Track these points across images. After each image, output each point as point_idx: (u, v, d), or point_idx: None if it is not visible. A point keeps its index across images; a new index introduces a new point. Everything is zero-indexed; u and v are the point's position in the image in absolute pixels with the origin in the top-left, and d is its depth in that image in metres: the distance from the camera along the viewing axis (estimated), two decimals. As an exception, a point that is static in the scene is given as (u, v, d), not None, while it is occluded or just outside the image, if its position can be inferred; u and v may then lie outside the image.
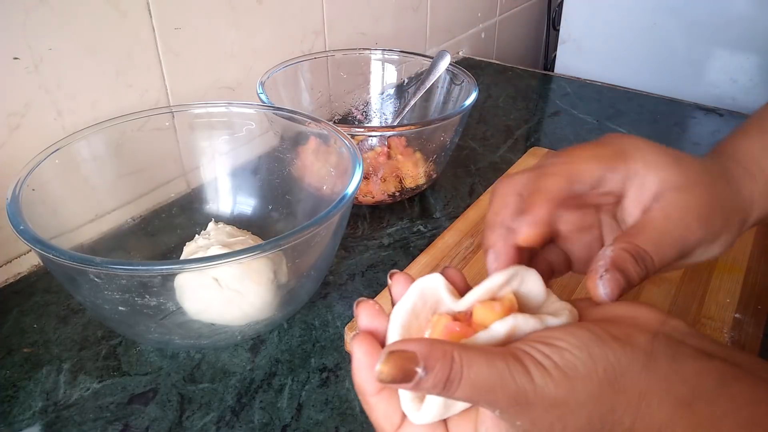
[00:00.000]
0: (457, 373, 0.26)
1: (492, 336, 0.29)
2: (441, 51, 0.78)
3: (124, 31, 0.61)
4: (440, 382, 0.26)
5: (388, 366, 0.25)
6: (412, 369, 0.25)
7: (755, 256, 0.58)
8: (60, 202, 0.52)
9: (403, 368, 0.25)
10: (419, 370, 0.25)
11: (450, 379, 0.26)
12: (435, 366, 0.25)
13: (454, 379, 0.26)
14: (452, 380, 0.26)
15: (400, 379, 0.26)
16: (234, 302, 0.47)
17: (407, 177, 0.69)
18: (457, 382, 0.26)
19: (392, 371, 0.25)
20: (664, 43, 1.18)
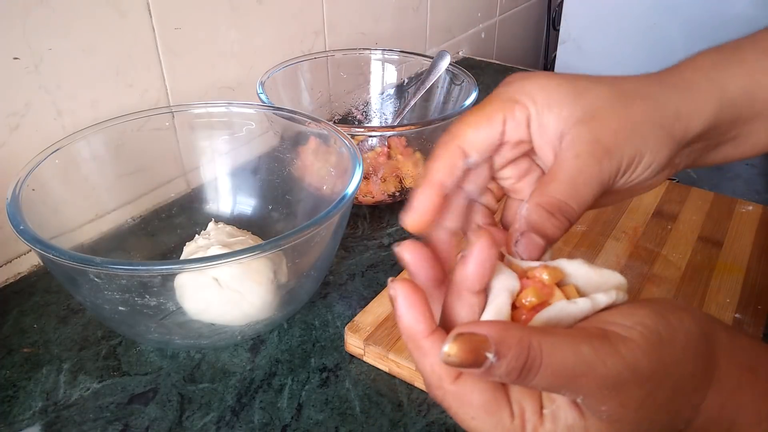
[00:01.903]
0: (535, 361, 0.24)
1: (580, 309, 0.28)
2: (441, 51, 0.78)
3: (124, 31, 0.61)
4: (514, 370, 0.24)
5: (456, 348, 0.24)
6: (482, 355, 0.23)
7: (755, 256, 0.58)
8: (60, 202, 0.52)
9: (473, 352, 0.23)
10: (490, 356, 0.23)
11: (527, 367, 0.24)
12: (508, 353, 0.23)
13: (531, 366, 0.24)
14: (529, 368, 0.24)
15: (468, 363, 0.24)
16: (234, 302, 0.47)
17: (407, 177, 0.69)
18: (535, 370, 0.24)
19: (460, 354, 0.23)
20: (664, 43, 1.18)
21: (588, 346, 0.25)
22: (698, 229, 0.62)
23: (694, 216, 0.64)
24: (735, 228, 0.62)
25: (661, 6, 1.16)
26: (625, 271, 0.57)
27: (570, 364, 0.24)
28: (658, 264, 0.58)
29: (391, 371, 0.48)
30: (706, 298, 0.53)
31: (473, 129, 0.33)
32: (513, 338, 0.24)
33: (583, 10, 1.28)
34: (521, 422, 0.26)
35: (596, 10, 1.26)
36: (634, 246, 0.60)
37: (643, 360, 0.25)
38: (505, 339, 0.24)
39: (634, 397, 0.25)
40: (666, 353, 0.26)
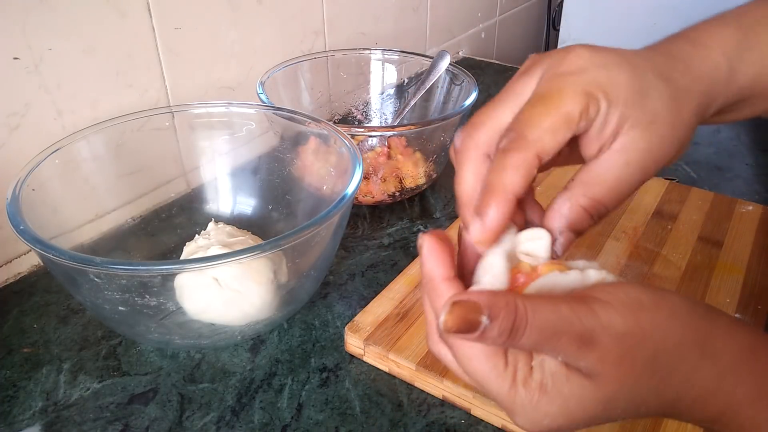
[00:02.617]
0: (522, 320, 0.26)
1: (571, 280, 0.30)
2: (441, 51, 0.78)
3: (124, 31, 0.61)
4: (505, 330, 0.26)
5: (452, 315, 0.26)
6: (477, 318, 0.26)
7: (755, 256, 0.58)
8: (60, 202, 0.52)
9: (468, 318, 0.26)
10: (483, 319, 0.26)
11: (515, 327, 0.26)
12: (499, 314, 0.26)
13: (519, 326, 0.26)
14: (517, 327, 0.26)
15: (465, 329, 0.26)
16: (234, 302, 0.47)
17: (407, 177, 0.69)
18: (522, 328, 0.26)
19: (457, 320, 0.26)
20: (664, 43, 1.18)
21: (566, 306, 0.27)
22: (698, 229, 0.62)
23: (694, 216, 0.64)
24: (735, 228, 0.62)
25: (661, 6, 1.17)
26: (625, 271, 0.57)
27: (551, 321, 0.26)
28: (658, 264, 0.58)
29: (391, 371, 0.48)
30: (706, 298, 0.53)
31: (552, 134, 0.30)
32: (501, 302, 0.26)
33: (583, 10, 1.28)
34: (513, 371, 0.28)
35: (596, 10, 1.26)
36: (634, 246, 0.60)
37: (618, 319, 0.27)
38: (495, 303, 0.26)
39: (612, 352, 0.27)
40: (645, 317, 0.27)
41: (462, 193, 0.33)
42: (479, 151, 0.33)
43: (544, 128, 0.30)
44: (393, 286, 0.54)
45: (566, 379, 0.28)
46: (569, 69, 0.31)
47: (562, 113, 0.30)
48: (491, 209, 0.30)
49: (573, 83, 0.30)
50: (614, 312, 0.27)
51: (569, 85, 0.30)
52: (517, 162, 0.30)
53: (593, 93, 0.30)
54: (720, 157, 0.80)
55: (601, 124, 0.31)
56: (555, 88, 0.31)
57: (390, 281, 0.55)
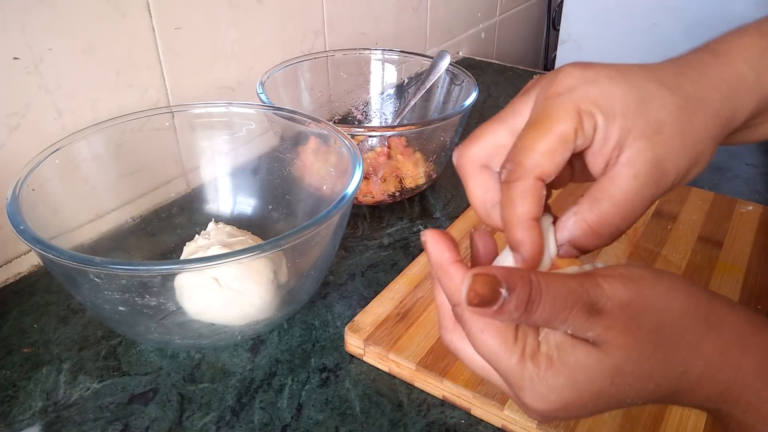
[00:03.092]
0: (537, 293, 0.27)
1: None
2: (441, 51, 0.78)
3: (124, 31, 0.61)
4: (522, 302, 0.27)
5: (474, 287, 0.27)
6: (497, 290, 0.27)
7: (755, 256, 0.58)
8: (60, 202, 0.52)
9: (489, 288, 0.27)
10: (503, 291, 0.27)
11: (531, 299, 0.27)
12: (516, 286, 0.27)
13: (535, 298, 0.27)
14: (533, 299, 0.27)
15: (487, 300, 0.27)
16: (234, 302, 0.47)
17: (407, 177, 0.69)
18: (537, 301, 0.27)
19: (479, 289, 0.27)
20: (664, 44, 1.18)
21: (574, 281, 0.28)
22: (698, 229, 0.62)
23: (694, 216, 0.64)
24: (735, 228, 0.62)
25: (661, 6, 1.16)
26: (625, 271, 0.57)
27: (563, 294, 0.27)
28: (658, 264, 0.58)
29: (391, 371, 0.48)
30: (706, 298, 0.53)
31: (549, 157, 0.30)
32: (517, 275, 0.27)
33: (583, 10, 1.28)
34: (522, 345, 0.29)
35: (596, 10, 1.26)
36: (634, 246, 0.60)
37: (621, 290, 0.28)
38: (512, 276, 0.27)
39: (617, 319, 0.28)
40: (646, 288, 0.28)
41: (478, 207, 0.35)
42: (476, 165, 0.34)
43: (540, 152, 0.30)
44: (393, 286, 0.54)
45: (571, 348, 0.28)
46: (559, 89, 0.31)
47: (555, 135, 0.30)
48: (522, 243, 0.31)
49: (563, 103, 0.30)
50: (617, 283, 0.28)
51: (559, 105, 0.31)
52: (520, 191, 0.31)
53: (586, 109, 0.30)
54: (720, 157, 0.80)
55: (602, 139, 0.31)
56: (546, 111, 0.31)
57: (390, 281, 0.55)
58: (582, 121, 0.30)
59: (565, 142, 0.30)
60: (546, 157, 0.30)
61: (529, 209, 0.31)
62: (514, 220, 0.31)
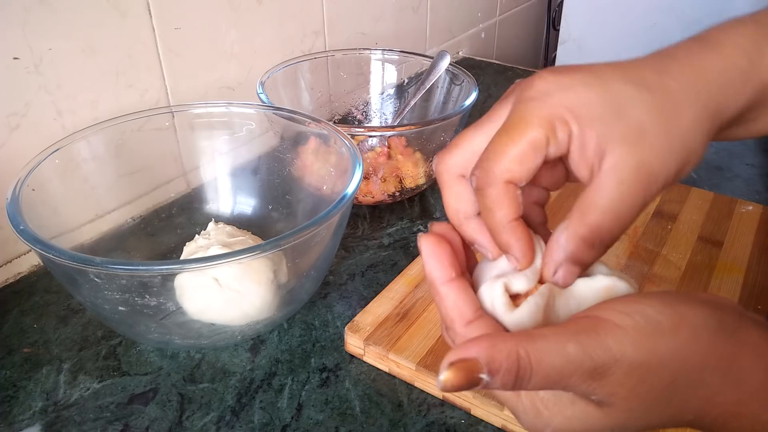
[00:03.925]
0: (526, 371, 0.25)
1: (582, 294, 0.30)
2: (441, 51, 0.78)
3: (124, 31, 0.61)
4: (508, 383, 0.25)
5: (451, 376, 0.25)
6: (477, 377, 0.25)
7: (755, 256, 0.58)
8: (60, 202, 0.52)
9: (467, 377, 0.25)
10: (484, 376, 0.25)
11: (519, 378, 0.25)
12: (500, 370, 0.25)
13: (523, 377, 0.25)
14: (521, 378, 0.25)
15: (465, 387, 0.25)
16: (234, 302, 0.47)
17: (407, 177, 0.69)
18: (527, 378, 0.25)
19: (456, 381, 0.25)
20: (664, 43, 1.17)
21: (574, 344, 0.25)
22: (698, 229, 0.62)
23: (694, 216, 0.64)
24: (735, 228, 0.62)
25: (662, 6, 1.16)
26: (625, 271, 0.57)
27: (558, 366, 0.25)
28: (658, 264, 0.58)
29: (391, 371, 0.48)
30: (706, 298, 0.53)
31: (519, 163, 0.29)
32: (502, 354, 0.25)
33: (583, 10, 1.28)
34: None
35: (596, 10, 1.26)
36: (634, 246, 0.60)
37: (630, 349, 0.26)
38: (494, 357, 0.25)
39: (623, 386, 0.26)
40: (662, 343, 0.26)
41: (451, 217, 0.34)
42: (452, 174, 0.33)
43: (510, 158, 0.29)
44: (393, 286, 0.54)
45: (570, 403, 0.27)
46: (532, 95, 0.30)
47: (526, 141, 0.29)
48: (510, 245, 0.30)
49: (535, 109, 0.30)
50: (628, 341, 0.26)
51: (531, 111, 0.30)
52: (493, 198, 0.30)
53: (559, 115, 0.29)
54: (720, 157, 0.80)
55: (579, 146, 0.29)
56: (518, 117, 0.30)
57: (390, 281, 0.55)
58: (554, 128, 0.29)
59: (536, 148, 0.29)
60: (515, 162, 0.29)
61: (506, 212, 0.30)
62: (496, 226, 0.30)
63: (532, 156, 0.29)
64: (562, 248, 0.30)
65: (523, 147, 0.29)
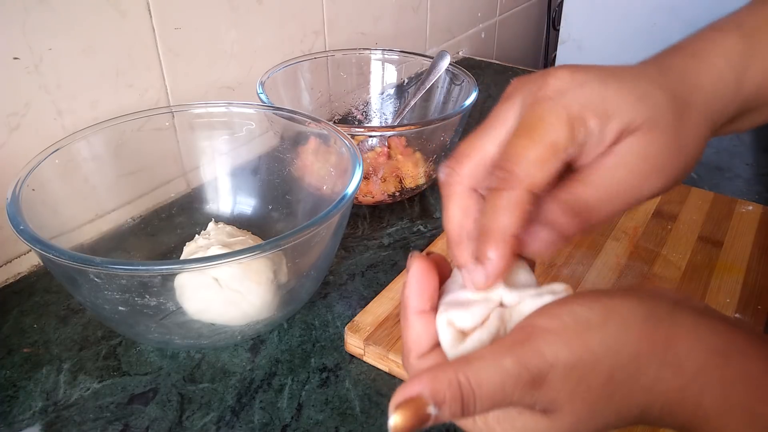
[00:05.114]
0: (469, 396, 0.25)
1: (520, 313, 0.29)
2: (441, 51, 0.78)
3: (124, 31, 0.61)
4: (457, 411, 0.25)
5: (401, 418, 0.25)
6: (425, 412, 0.25)
7: (755, 256, 0.58)
8: (60, 202, 0.52)
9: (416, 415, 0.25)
10: (431, 410, 0.25)
11: (465, 404, 0.25)
12: (445, 400, 0.25)
13: (468, 402, 0.25)
14: (467, 404, 0.25)
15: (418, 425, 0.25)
16: (234, 302, 0.47)
17: (407, 177, 0.69)
18: (472, 404, 0.25)
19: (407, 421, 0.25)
20: (664, 44, 1.17)
21: (510, 357, 0.25)
22: (698, 229, 0.62)
23: (694, 216, 0.64)
24: (735, 228, 0.62)
25: (661, 6, 1.16)
26: (625, 271, 0.57)
27: (499, 383, 0.25)
28: (658, 264, 0.58)
29: (391, 371, 0.48)
30: (706, 298, 0.53)
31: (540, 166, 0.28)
32: (443, 384, 0.25)
33: (583, 10, 1.28)
34: None
35: (596, 10, 1.26)
36: (634, 246, 0.60)
37: (564, 350, 0.25)
38: (437, 389, 0.25)
39: (562, 389, 0.26)
40: (593, 338, 0.26)
41: (451, 231, 0.32)
42: (464, 186, 0.32)
43: (532, 161, 0.28)
44: (393, 286, 0.54)
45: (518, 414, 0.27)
46: (549, 93, 0.29)
47: (547, 143, 0.28)
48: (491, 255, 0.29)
49: (554, 108, 0.29)
50: (560, 343, 0.26)
51: (550, 111, 0.29)
52: (509, 202, 0.28)
53: (578, 115, 0.29)
54: (720, 157, 0.80)
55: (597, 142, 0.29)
56: (537, 117, 0.29)
57: (390, 281, 0.55)
58: (574, 128, 0.29)
59: (557, 151, 0.28)
60: (537, 166, 0.28)
61: (512, 222, 0.28)
62: (494, 231, 0.29)
63: (552, 159, 0.28)
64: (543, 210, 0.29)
65: (544, 149, 0.28)
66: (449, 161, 0.33)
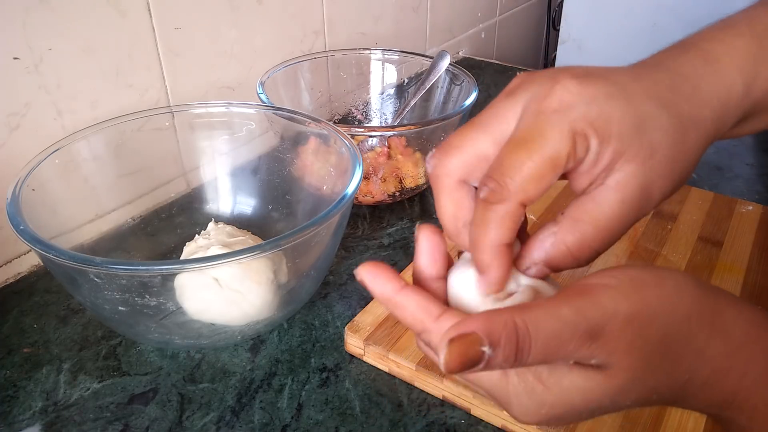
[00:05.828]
0: (525, 340, 0.24)
1: None
2: (441, 51, 0.78)
3: (124, 31, 0.61)
4: (511, 355, 0.24)
5: (452, 355, 0.24)
6: (479, 351, 0.24)
7: (755, 256, 0.58)
8: (60, 202, 0.52)
9: (470, 352, 0.24)
10: (486, 350, 0.24)
11: (520, 348, 0.24)
12: (500, 340, 0.24)
13: (523, 346, 0.24)
14: (522, 348, 0.24)
15: (469, 365, 0.24)
16: (234, 302, 0.47)
17: (407, 177, 0.69)
18: (527, 348, 0.24)
19: (459, 357, 0.24)
20: (664, 44, 1.17)
21: (567, 307, 0.25)
22: (698, 229, 0.62)
23: (694, 216, 0.64)
24: (735, 228, 0.62)
25: (662, 6, 1.16)
26: (625, 271, 0.57)
27: (556, 331, 0.25)
28: (658, 264, 0.58)
29: (391, 371, 0.48)
30: (706, 298, 0.53)
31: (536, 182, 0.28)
32: (499, 325, 0.24)
33: (583, 10, 1.28)
34: None
35: (596, 10, 1.26)
36: (634, 246, 0.60)
37: (624, 303, 0.26)
38: (492, 329, 0.24)
39: (621, 340, 0.25)
40: (650, 294, 0.26)
41: (447, 224, 0.32)
42: (452, 179, 0.31)
43: (527, 176, 0.28)
44: (393, 286, 0.54)
45: (568, 370, 0.26)
46: (554, 105, 0.29)
47: (546, 158, 0.28)
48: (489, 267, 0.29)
49: (558, 122, 0.28)
50: (618, 295, 0.26)
51: (554, 124, 0.28)
52: (499, 215, 0.28)
53: (582, 131, 0.28)
54: (720, 157, 0.80)
55: (593, 161, 0.29)
56: (538, 129, 0.28)
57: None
58: (576, 144, 0.28)
59: (555, 166, 0.28)
60: (532, 181, 0.28)
61: (503, 235, 0.28)
62: (485, 244, 0.29)
63: (549, 175, 0.28)
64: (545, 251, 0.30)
65: (543, 165, 0.28)
66: (437, 152, 0.32)
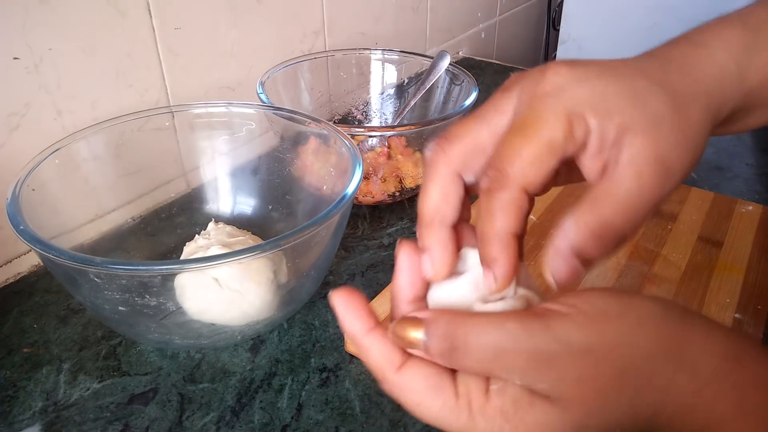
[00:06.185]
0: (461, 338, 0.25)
1: None
2: (441, 51, 0.78)
3: (124, 31, 0.61)
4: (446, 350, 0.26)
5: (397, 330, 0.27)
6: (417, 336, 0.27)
7: (755, 256, 0.58)
8: (60, 202, 0.52)
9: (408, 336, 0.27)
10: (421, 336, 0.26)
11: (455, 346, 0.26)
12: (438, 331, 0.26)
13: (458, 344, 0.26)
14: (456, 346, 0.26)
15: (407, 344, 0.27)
16: (234, 302, 0.47)
17: (407, 177, 0.69)
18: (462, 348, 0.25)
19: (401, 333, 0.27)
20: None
21: (515, 322, 0.25)
22: (698, 229, 0.62)
23: (694, 216, 0.64)
24: (735, 228, 0.62)
25: (662, 6, 1.17)
26: (625, 271, 0.57)
27: (497, 340, 0.25)
28: (658, 264, 0.58)
29: (391, 371, 0.48)
30: (706, 298, 0.53)
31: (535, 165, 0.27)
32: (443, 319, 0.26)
33: (583, 10, 1.28)
34: (467, 400, 0.26)
35: (596, 10, 1.26)
36: (634, 246, 0.60)
37: (576, 334, 0.25)
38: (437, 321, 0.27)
39: (570, 371, 0.25)
40: (609, 327, 0.25)
41: (425, 211, 0.31)
42: (450, 168, 0.31)
43: (526, 160, 0.27)
44: (393, 286, 0.54)
45: (530, 406, 0.26)
46: (546, 89, 0.28)
47: (543, 141, 0.27)
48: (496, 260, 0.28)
49: (551, 105, 0.28)
50: (573, 326, 0.25)
51: (547, 108, 0.28)
52: (503, 203, 0.28)
53: (577, 112, 0.28)
54: (720, 157, 0.80)
55: (598, 140, 0.28)
56: (532, 114, 0.28)
57: (390, 281, 0.55)
58: (572, 125, 0.27)
59: (553, 149, 0.27)
60: (532, 165, 0.27)
61: (509, 224, 0.28)
62: (491, 234, 0.28)
63: (548, 158, 0.27)
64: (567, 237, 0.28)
65: (540, 148, 0.27)
66: (439, 140, 0.31)
